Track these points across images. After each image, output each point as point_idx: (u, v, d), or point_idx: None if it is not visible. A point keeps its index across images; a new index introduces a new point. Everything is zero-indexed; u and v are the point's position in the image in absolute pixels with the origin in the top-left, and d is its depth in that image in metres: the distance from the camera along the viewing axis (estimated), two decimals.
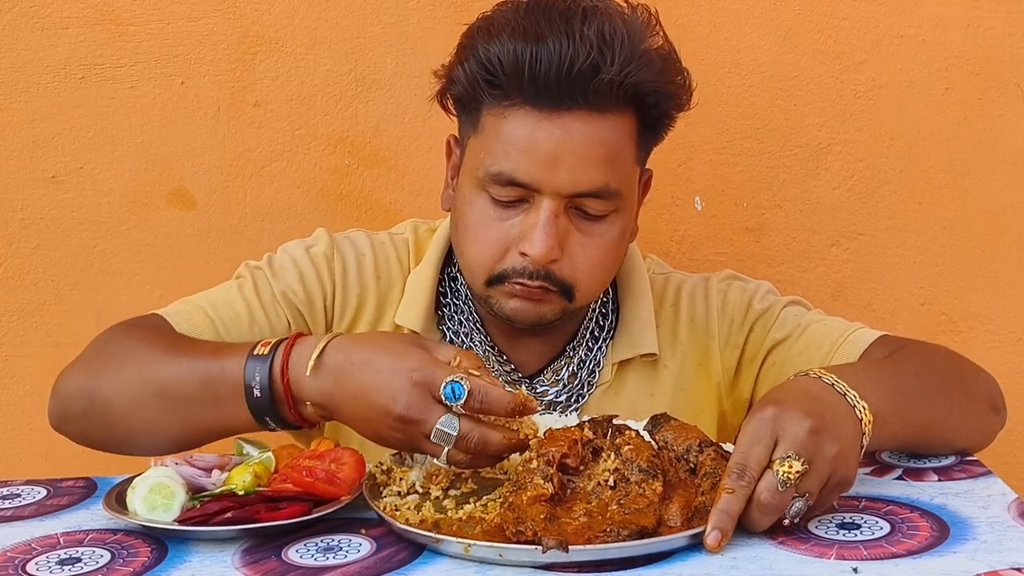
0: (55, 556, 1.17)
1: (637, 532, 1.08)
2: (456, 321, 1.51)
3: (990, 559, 1.08)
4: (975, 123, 1.96)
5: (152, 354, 1.33)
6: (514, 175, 1.35)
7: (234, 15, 1.91)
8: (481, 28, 1.37)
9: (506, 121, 1.35)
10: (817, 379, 1.20)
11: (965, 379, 1.42)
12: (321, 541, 1.17)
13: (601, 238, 1.39)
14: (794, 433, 1.12)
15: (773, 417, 1.14)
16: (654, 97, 1.38)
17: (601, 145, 1.35)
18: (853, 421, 1.17)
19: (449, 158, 1.49)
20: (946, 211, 1.99)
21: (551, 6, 1.34)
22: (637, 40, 1.34)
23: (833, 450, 1.13)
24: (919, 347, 1.44)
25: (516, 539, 1.08)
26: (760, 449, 1.12)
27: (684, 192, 1.97)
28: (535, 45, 1.31)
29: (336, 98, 1.93)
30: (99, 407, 1.32)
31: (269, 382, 1.23)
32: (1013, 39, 1.94)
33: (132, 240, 1.95)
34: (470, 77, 1.36)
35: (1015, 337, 2.02)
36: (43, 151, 1.92)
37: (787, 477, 1.11)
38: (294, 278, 1.49)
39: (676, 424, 1.28)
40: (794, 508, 1.12)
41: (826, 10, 1.93)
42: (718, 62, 1.94)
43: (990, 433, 1.42)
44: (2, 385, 1.98)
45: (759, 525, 1.12)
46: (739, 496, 1.11)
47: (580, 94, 1.32)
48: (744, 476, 1.11)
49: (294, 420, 1.25)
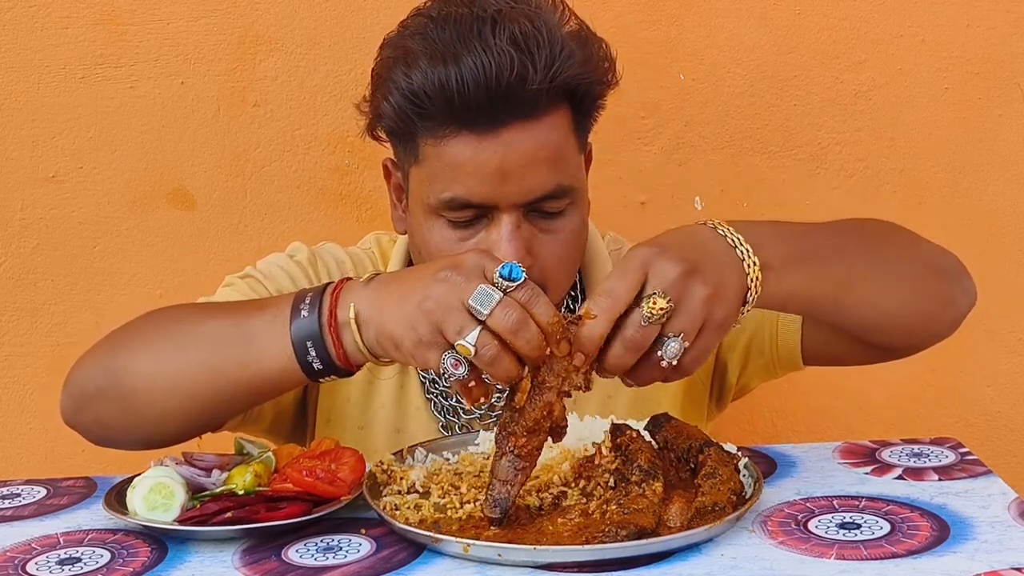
0: (55, 556, 1.17)
1: (636, 533, 1.08)
2: None
3: (990, 559, 1.07)
4: (975, 123, 1.96)
5: (174, 315, 1.31)
6: (467, 198, 1.33)
7: (234, 15, 1.91)
8: (396, 58, 1.34)
9: (446, 148, 1.33)
10: (711, 229, 1.20)
11: (899, 242, 1.39)
12: (321, 541, 1.17)
13: (563, 232, 1.39)
14: (663, 273, 1.12)
15: (645, 257, 1.13)
16: (584, 86, 1.37)
17: (544, 148, 1.33)
18: (736, 268, 1.17)
19: (389, 180, 1.48)
20: (946, 211, 1.99)
21: (458, 20, 1.31)
22: (553, 34, 1.32)
23: (705, 292, 1.12)
24: (858, 219, 1.41)
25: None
26: (627, 282, 1.12)
27: (684, 192, 1.97)
28: (456, 68, 1.28)
29: (336, 98, 1.93)
30: (117, 380, 1.28)
31: (320, 299, 1.18)
32: (1013, 39, 1.94)
33: (132, 240, 1.95)
34: (398, 111, 1.34)
35: (1015, 337, 2.02)
36: (43, 151, 1.92)
37: (650, 312, 1.10)
38: (286, 280, 1.49)
39: (677, 424, 1.29)
40: (669, 349, 1.11)
41: (826, 10, 1.93)
42: (718, 62, 1.94)
43: (942, 299, 1.38)
44: (2, 385, 1.98)
45: (621, 361, 1.11)
46: (602, 321, 1.11)
47: (513, 107, 1.31)
48: (607, 299, 1.11)
49: (335, 342, 1.18)
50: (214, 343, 1.25)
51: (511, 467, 1.13)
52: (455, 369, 1.11)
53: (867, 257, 1.33)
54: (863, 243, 1.35)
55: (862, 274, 1.31)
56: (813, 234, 1.31)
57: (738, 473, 1.21)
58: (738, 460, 1.24)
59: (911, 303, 1.36)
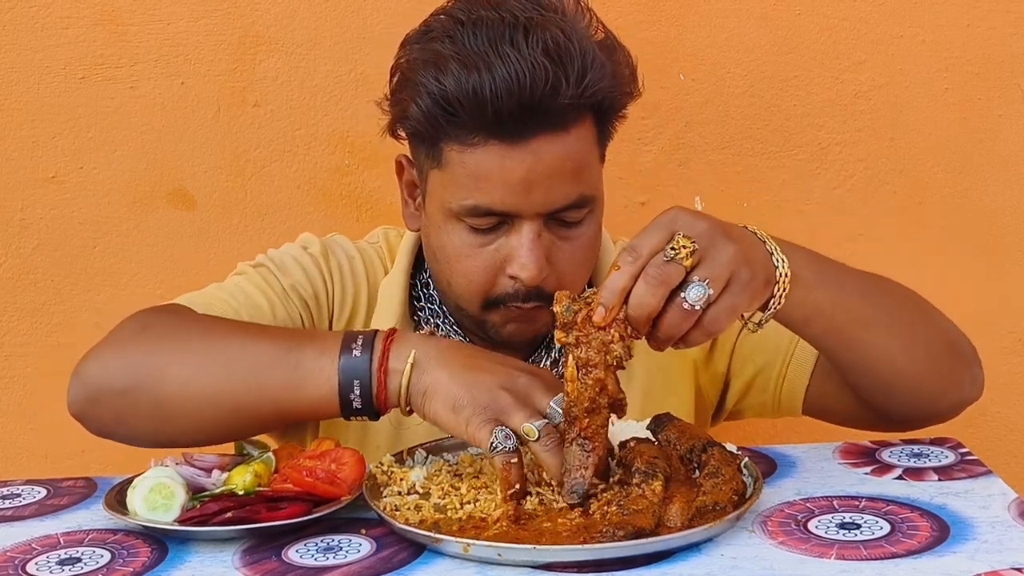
0: (55, 556, 1.17)
1: (633, 533, 1.08)
2: (432, 325, 1.50)
3: (990, 559, 1.07)
4: (975, 123, 1.96)
5: (221, 331, 1.31)
6: (491, 207, 1.34)
7: (234, 15, 1.91)
8: (426, 61, 1.33)
9: (472, 156, 1.32)
10: (745, 227, 1.21)
11: (924, 309, 1.38)
12: (321, 541, 1.17)
13: (580, 240, 1.39)
14: (691, 225, 1.13)
15: (673, 215, 1.14)
16: (610, 99, 1.37)
17: (569, 160, 1.34)
18: (766, 259, 1.18)
19: (401, 177, 1.47)
20: (946, 211, 1.99)
21: (489, 25, 1.30)
22: (584, 45, 1.32)
23: (732, 248, 1.13)
24: (889, 279, 1.40)
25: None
26: (655, 238, 1.12)
27: (684, 192, 1.97)
28: (490, 76, 1.28)
29: (336, 98, 1.93)
30: (150, 383, 1.28)
31: (372, 343, 1.24)
32: (1013, 39, 1.94)
33: (132, 240, 1.95)
34: (427, 115, 1.33)
35: (1015, 337, 2.03)
36: (43, 151, 1.92)
37: (674, 248, 1.10)
38: (300, 273, 1.48)
39: (679, 424, 1.28)
40: (692, 292, 1.11)
41: (826, 10, 1.93)
42: (718, 62, 1.94)
43: (953, 378, 1.38)
44: (2, 385, 1.98)
45: (645, 299, 1.10)
46: (625, 273, 1.11)
47: (543, 118, 1.31)
48: (632, 254, 1.11)
49: (380, 385, 1.23)
50: (263, 366, 1.27)
51: (580, 451, 1.14)
52: (506, 441, 1.16)
53: (893, 309, 1.34)
54: (892, 297, 1.35)
55: (884, 322, 1.32)
56: (845, 271, 1.32)
57: (740, 474, 1.21)
58: (740, 460, 1.24)
59: (923, 369, 1.35)
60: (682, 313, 1.11)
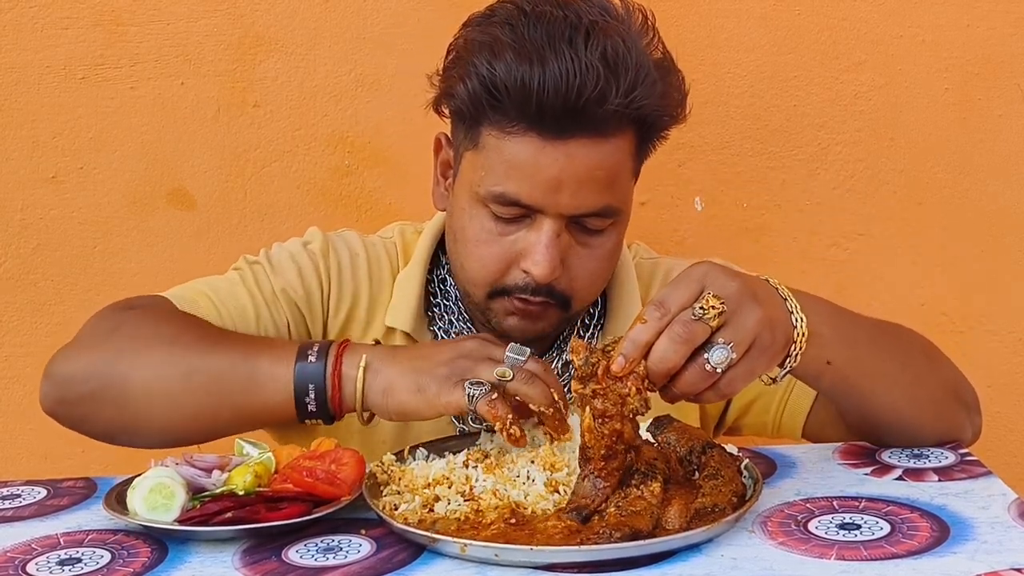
0: (55, 556, 1.17)
1: (630, 534, 1.08)
2: (447, 321, 1.51)
3: (990, 559, 1.08)
4: (975, 123, 1.96)
5: (186, 338, 1.35)
6: (517, 198, 1.34)
7: (234, 15, 1.91)
8: (482, 43, 1.33)
9: (509, 143, 1.33)
10: (767, 281, 1.21)
11: (932, 357, 1.41)
12: (321, 541, 1.17)
13: (600, 249, 1.40)
14: (721, 284, 1.13)
15: (703, 270, 1.15)
16: (654, 117, 1.38)
17: (603, 169, 1.34)
18: (786, 317, 1.19)
19: (438, 154, 1.48)
20: (946, 211, 1.99)
21: (551, 21, 1.31)
22: (640, 59, 1.33)
23: (758, 312, 1.14)
24: (899, 325, 1.43)
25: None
26: (685, 294, 1.13)
27: (684, 192, 1.97)
28: (541, 70, 1.28)
29: (336, 98, 1.93)
30: (114, 387, 1.32)
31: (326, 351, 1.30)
32: (1013, 39, 1.94)
33: (132, 240, 1.95)
34: (473, 96, 1.34)
35: (1015, 337, 2.02)
36: (43, 151, 1.92)
37: (703, 308, 1.10)
38: (293, 274, 1.49)
39: (679, 426, 1.28)
40: (715, 354, 1.11)
41: (826, 10, 1.93)
42: (718, 62, 1.94)
43: (953, 424, 1.40)
44: (2, 385, 1.98)
45: (667, 355, 1.11)
46: (650, 327, 1.11)
47: (585, 121, 1.31)
48: (660, 309, 1.12)
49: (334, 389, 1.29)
50: (223, 372, 1.32)
51: (592, 487, 1.14)
52: (479, 387, 1.22)
53: (902, 359, 1.36)
54: (901, 347, 1.37)
55: (893, 373, 1.34)
56: (859, 323, 1.34)
57: (740, 476, 1.21)
58: (740, 462, 1.24)
59: (925, 417, 1.38)
60: (702, 374, 1.12)
